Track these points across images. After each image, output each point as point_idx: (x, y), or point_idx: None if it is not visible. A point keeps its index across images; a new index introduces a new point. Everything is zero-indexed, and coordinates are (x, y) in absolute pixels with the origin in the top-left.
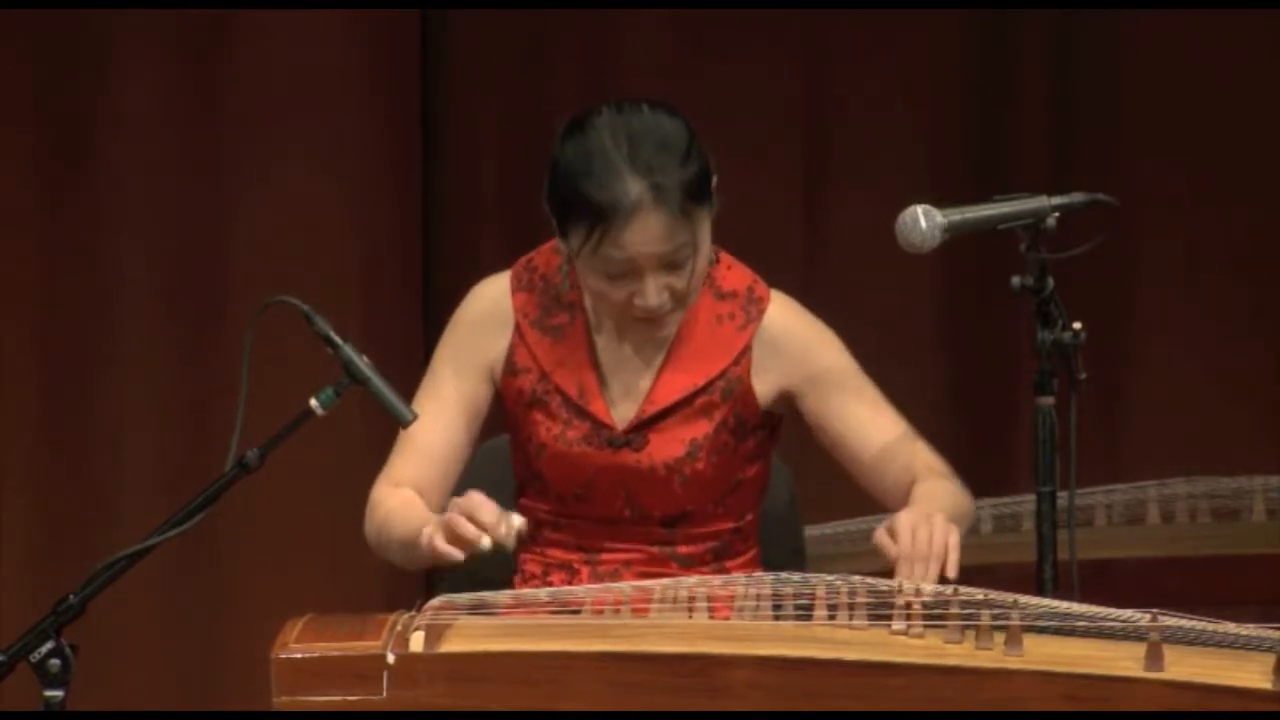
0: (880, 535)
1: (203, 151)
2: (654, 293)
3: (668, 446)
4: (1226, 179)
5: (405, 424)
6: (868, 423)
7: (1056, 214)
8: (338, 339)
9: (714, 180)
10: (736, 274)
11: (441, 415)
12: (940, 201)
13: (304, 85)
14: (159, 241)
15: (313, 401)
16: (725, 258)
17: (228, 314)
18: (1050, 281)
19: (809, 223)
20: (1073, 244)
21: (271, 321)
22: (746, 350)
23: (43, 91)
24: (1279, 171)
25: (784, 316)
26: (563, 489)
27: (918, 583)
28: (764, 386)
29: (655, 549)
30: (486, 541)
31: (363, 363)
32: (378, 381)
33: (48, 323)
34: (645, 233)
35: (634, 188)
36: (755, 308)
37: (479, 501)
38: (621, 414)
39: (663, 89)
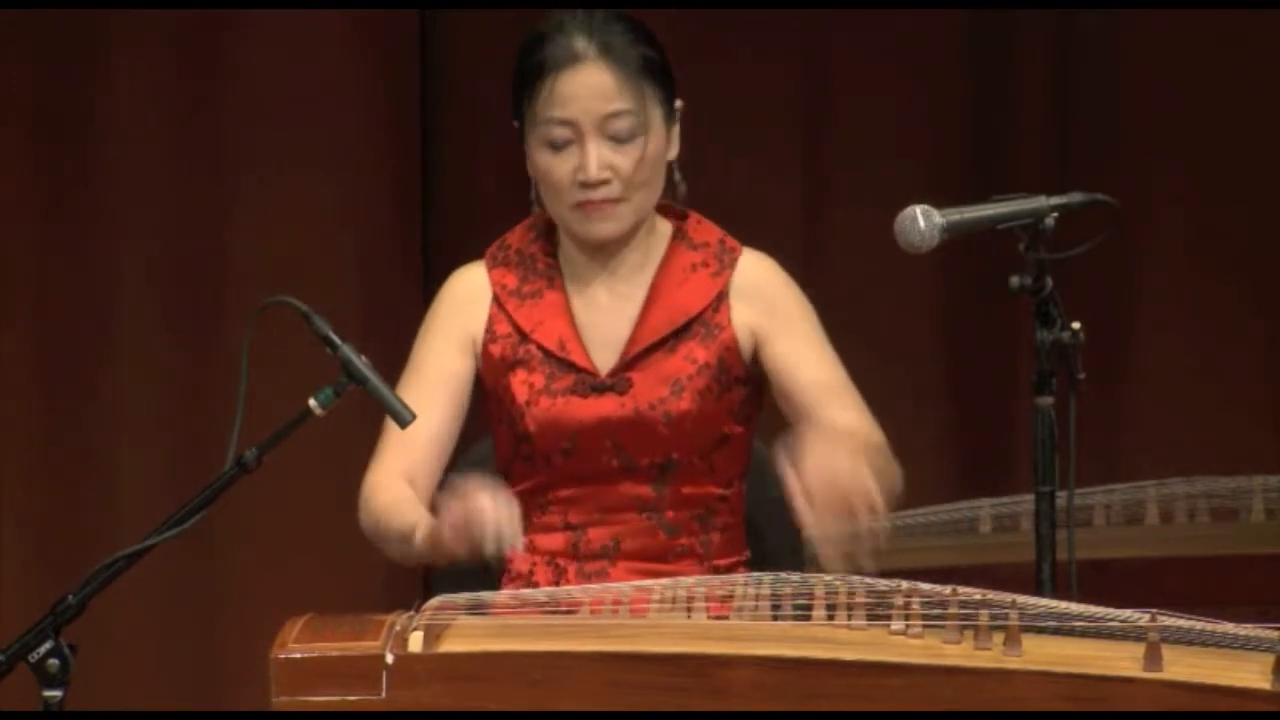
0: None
1: (202, 152)
2: (595, 161)
3: (652, 387)
4: (1226, 179)
5: (404, 424)
6: (815, 376)
7: (1055, 214)
8: (337, 339)
9: (678, 103)
10: (707, 228)
11: (425, 400)
12: (940, 202)
13: (304, 85)
14: (158, 241)
15: (312, 401)
16: (695, 215)
17: (227, 314)
18: (1049, 281)
19: (809, 223)
20: (1073, 244)
21: (271, 321)
22: (724, 297)
23: (43, 91)
24: (1279, 171)
25: (758, 265)
26: (550, 445)
27: (828, 528)
28: (743, 333)
29: (644, 517)
30: (491, 546)
31: (361, 362)
32: (376, 381)
33: (48, 323)
34: (588, 84)
35: (580, 42)
36: (728, 256)
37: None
38: (603, 361)
39: None
